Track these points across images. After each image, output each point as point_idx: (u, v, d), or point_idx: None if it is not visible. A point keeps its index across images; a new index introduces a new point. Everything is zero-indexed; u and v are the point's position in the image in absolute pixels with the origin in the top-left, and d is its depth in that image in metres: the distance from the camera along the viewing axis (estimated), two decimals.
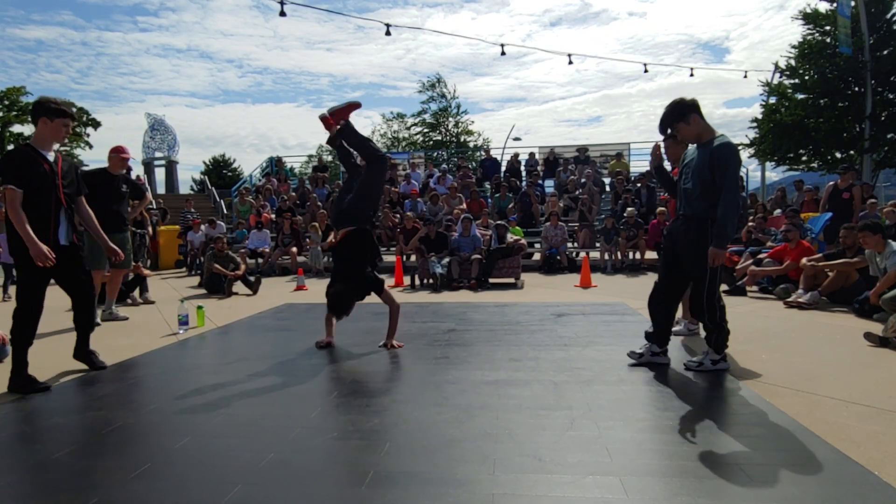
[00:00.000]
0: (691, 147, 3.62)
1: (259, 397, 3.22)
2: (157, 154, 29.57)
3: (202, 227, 12.13)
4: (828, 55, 17.40)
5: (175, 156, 30.15)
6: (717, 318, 3.48)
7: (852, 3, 16.38)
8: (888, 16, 17.18)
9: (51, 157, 3.55)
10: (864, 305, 5.28)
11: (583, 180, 14.03)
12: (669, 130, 3.65)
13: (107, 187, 5.69)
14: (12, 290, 6.83)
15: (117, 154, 5.77)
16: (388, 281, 9.11)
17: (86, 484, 2.14)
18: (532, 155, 16.44)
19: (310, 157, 29.21)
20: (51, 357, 4.23)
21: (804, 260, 6.29)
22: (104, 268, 5.90)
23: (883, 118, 17.02)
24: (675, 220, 3.73)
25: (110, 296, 6.02)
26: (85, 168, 7.13)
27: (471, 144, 37.38)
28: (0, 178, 3.44)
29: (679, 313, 4.29)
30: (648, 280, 6.67)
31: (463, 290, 8.22)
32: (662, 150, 4.12)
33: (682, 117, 3.45)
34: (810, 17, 18.49)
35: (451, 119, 38.75)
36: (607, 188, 14.43)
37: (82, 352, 3.95)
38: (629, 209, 11.13)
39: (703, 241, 3.38)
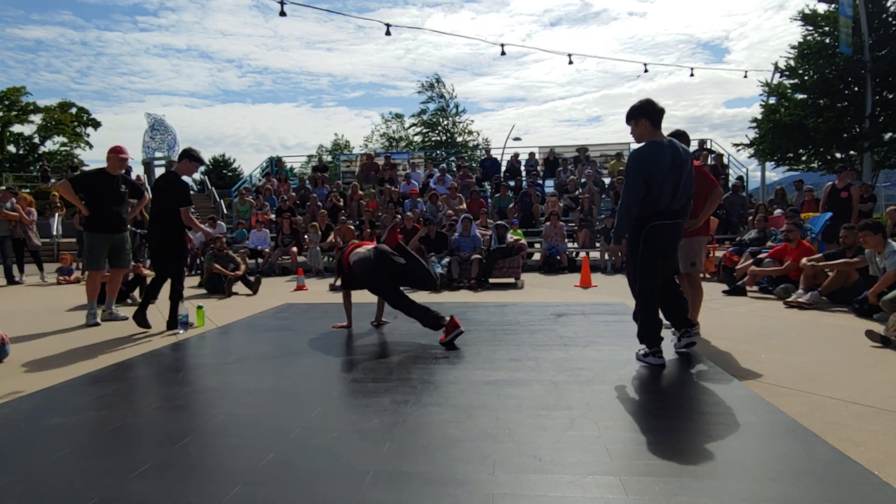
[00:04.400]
0: None
1: (259, 397, 3.21)
2: (157, 154, 29.52)
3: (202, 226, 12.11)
4: (827, 55, 17.40)
5: (175, 156, 30.11)
6: (638, 303, 3.77)
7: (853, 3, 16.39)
8: (884, 16, 17.18)
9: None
10: (864, 305, 5.28)
11: (583, 180, 14.03)
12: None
13: (106, 188, 5.69)
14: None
15: (116, 154, 5.75)
16: None
17: (86, 484, 2.14)
18: (532, 155, 16.43)
19: (309, 157, 29.22)
20: (50, 355, 4.23)
21: (804, 260, 6.30)
22: (102, 268, 5.91)
23: (882, 119, 17.03)
24: None
25: (110, 296, 6.01)
26: (84, 168, 7.24)
27: (471, 144, 37.39)
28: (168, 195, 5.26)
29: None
30: None
31: (463, 290, 8.22)
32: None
33: (631, 117, 3.70)
34: (809, 18, 18.51)
35: (449, 119, 38.79)
36: (607, 188, 14.42)
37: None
38: None
39: (631, 239, 3.72)
